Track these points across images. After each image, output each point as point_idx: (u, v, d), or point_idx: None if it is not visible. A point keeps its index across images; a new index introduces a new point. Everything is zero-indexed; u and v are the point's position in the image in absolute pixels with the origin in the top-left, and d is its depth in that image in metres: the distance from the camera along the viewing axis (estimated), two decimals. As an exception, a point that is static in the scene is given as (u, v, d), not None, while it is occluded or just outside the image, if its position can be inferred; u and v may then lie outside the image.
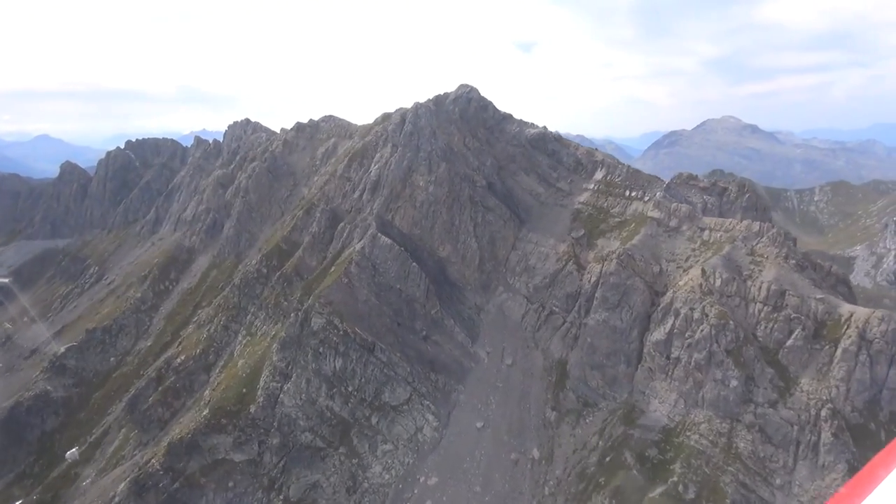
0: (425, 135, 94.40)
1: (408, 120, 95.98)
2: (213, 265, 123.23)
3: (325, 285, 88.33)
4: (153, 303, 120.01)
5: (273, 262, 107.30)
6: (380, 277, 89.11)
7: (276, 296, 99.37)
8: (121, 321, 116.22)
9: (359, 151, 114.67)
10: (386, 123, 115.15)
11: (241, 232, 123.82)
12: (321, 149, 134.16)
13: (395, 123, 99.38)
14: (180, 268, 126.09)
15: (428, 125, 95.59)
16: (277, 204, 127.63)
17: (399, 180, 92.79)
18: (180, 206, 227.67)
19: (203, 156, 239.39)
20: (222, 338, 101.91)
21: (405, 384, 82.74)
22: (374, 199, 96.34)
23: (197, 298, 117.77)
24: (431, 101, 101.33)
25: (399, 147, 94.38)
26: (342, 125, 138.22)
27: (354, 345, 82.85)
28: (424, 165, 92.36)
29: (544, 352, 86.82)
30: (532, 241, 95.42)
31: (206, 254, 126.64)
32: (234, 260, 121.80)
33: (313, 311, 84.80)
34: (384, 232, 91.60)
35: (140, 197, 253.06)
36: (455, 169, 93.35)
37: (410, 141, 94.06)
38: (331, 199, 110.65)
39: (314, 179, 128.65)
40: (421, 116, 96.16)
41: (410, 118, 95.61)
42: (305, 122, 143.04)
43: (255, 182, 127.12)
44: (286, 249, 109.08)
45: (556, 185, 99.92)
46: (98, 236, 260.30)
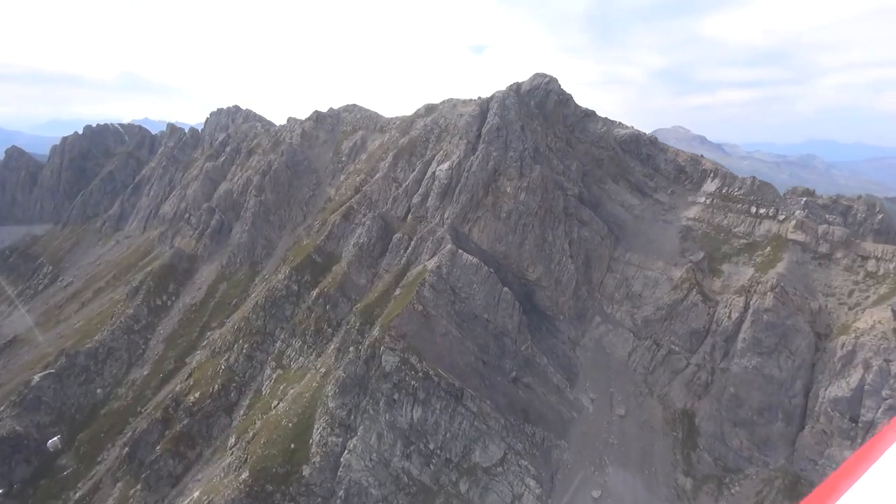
0: (515, 131, 78.73)
1: (493, 111, 79.72)
2: (222, 276, 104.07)
3: (393, 313, 71.28)
4: (148, 321, 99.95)
5: (305, 278, 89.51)
6: (461, 304, 72.77)
7: (317, 320, 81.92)
8: (108, 343, 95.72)
9: (405, 148, 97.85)
10: (437, 116, 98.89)
11: (255, 238, 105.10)
12: (347, 143, 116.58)
13: (470, 116, 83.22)
14: (180, 279, 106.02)
15: (518, 119, 79.49)
16: (298, 206, 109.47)
17: (482, 185, 76.83)
18: (151, 200, 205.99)
19: (178, 145, 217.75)
20: (245, 370, 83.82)
21: (499, 440, 66.68)
22: (445, 206, 79.94)
23: (204, 317, 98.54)
24: (513, 89, 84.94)
25: (483, 144, 77.92)
26: (370, 116, 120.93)
27: (439, 391, 66.68)
28: (514, 168, 76.60)
29: (662, 400, 72.18)
30: (633, 262, 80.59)
31: (212, 262, 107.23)
32: (248, 271, 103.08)
33: (383, 345, 67.86)
34: (459, 247, 75.04)
35: (101, 189, 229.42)
36: (546, 174, 77.34)
37: (497, 137, 78.14)
38: (374, 204, 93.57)
39: (341, 178, 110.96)
40: (509, 108, 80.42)
41: (497, 109, 79.59)
42: (325, 111, 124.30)
43: (272, 179, 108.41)
44: (321, 262, 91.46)
45: (654, 196, 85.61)
46: (51, 231, 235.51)
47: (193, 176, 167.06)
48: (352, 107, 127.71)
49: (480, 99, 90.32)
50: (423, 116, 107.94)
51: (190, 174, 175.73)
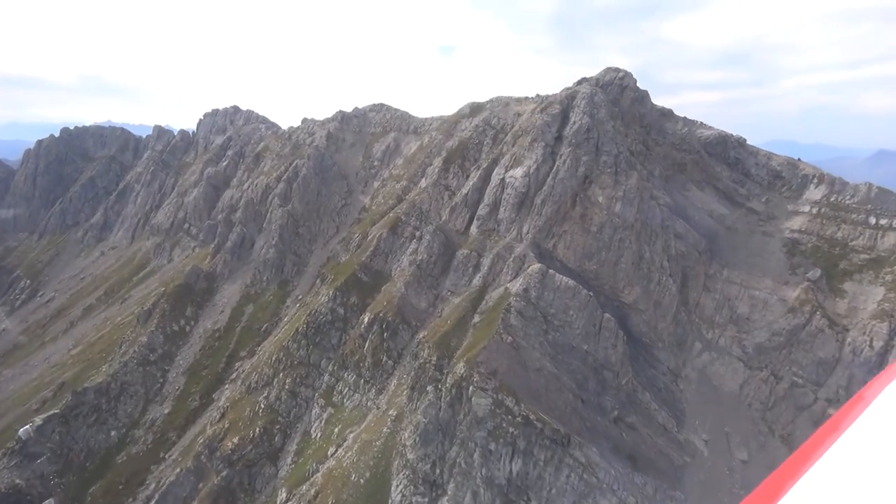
0: (607, 132, 69.31)
1: (580, 110, 69.94)
2: (247, 297, 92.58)
3: (478, 345, 61.08)
4: (165, 350, 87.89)
5: (351, 300, 78.76)
6: (555, 333, 62.93)
7: (374, 350, 71.20)
8: (121, 377, 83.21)
9: (456, 152, 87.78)
10: (487, 116, 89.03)
11: (284, 253, 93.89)
12: (378, 146, 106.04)
13: (549, 115, 73.16)
14: (198, 300, 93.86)
15: (608, 118, 69.73)
16: (329, 216, 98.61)
17: (569, 195, 66.58)
18: (139, 208, 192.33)
19: (168, 149, 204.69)
20: (289, 408, 72.89)
21: (610, 494, 57.06)
22: (522, 218, 70.12)
23: (230, 345, 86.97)
24: (591, 82, 75.35)
25: (569, 148, 68.24)
26: (401, 117, 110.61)
27: (542, 438, 56.66)
28: (608, 174, 67.08)
29: (786, 440, 63.20)
30: (734, 280, 71.52)
31: (234, 281, 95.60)
32: (277, 291, 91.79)
33: (472, 385, 57.42)
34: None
35: (82, 196, 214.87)
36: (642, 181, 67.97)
37: (587, 140, 68.59)
38: (425, 215, 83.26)
39: (375, 185, 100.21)
40: (599, 106, 70.90)
41: (584, 108, 69.99)
42: (349, 110, 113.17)
43: (301, 187, 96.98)
44: (368, 282, 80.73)
45: (746, 205, 76.87)
46: (26, 242, 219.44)
47: (191, 182, 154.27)
48: (379, 106, 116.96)
49: (561, 95, 80.00)
50: (469, 117, 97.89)
51: (186, 180, 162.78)
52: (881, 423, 4.28)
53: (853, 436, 4.14)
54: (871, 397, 4.57)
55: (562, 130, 74.83)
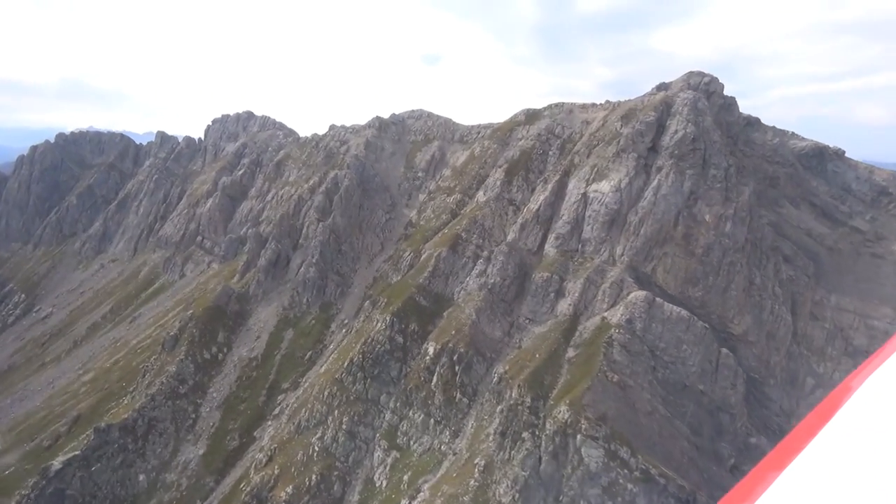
0: (714, 143, 62.23)
1: (682, 117, 62.71)
2: (286, 322, 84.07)
3: (580, 385, 53.34)
4: (196, 381, 79.05)
5: (411, 327, 70.72)
6: (665, 371, 55.30)
7: (445, 385, 62.93)
8: (149, 412, 74.03)
9: (518, 163, 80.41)
10: (550, 123, 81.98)
11: (325, 272, 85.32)
12: (421, 155, 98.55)
13: (642, 123, 65.58)
14: (230, 325, 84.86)
15: (714, 127, 62.27)
16: (373, 231, 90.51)
17: (672, 213, 58.73)
18: (142, 218, 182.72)
19: (172, 156, 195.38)
20: (347, 451, 64.49)
21: (740, 559, 47.32)
22: (614, 238, 62.72)
23: (269, 376, 78.32)
24: (686, 84, 68.09)
25: (671, 160, 60.90)
26: (443, 124, 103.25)
27: (665, 496, 48.44)
28: (718, 191, 60.00)
29: (926, 492, 53.91)
30: (846, 308, 64.35)
31: (269, 303, 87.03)
32: (319, 315, 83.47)
33: (579, 432, 49.56)
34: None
35: (79, 205, 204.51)
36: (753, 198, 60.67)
37: (693, 151, 61.24)
38: (489, 232, 75.36)
39: (420, 198, 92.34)
40: (703, 113, 64.02)
41: (687, 115, 63.03)
42: (387, 117, 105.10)
43: (344, 200, 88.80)
44: (427, 306, 72.86)
45: (849, 224, 69.87)
46: (19, 253, 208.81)
47: (203, 192, 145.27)
48: (419, 112, 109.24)
49: (611, 103, 72.59)
50: (525, 125, 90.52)
51: (196, 189, 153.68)
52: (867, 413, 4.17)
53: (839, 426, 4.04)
54: (857, 386, 4.41)
55: (657, 140, 67.23)
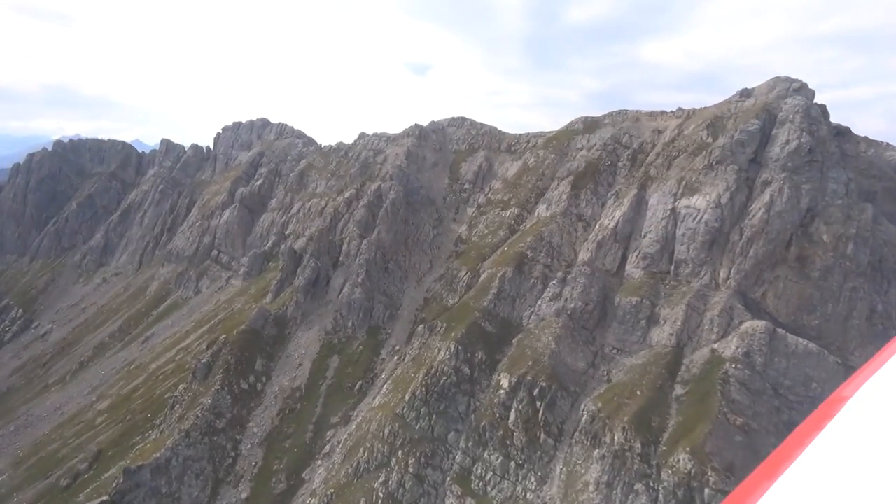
0: (832, 154, 55.74)
1: (794, 126, 56.72)
2: (330, 347, 76.83)
3: (699, 429, 46.41)
4: (234, 414, 71.20)
5: (478, 356, 63.87)
6: (790, 412, 48.65)
7: (526, 424, 55.94)
8: (183, 451, 66.19)
9: (585, 174, 74.06)
10: (615, 132, 75.69)
11: (372, 293, 77.78)
12: (466, 166, 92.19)
13: (744, 132, 59.18)
14: (268, 351, 77.22)
15: (830, 136, 55.92)
16: (420, 248, 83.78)
17: (786, 233, 52.28)
18: (146, 230, 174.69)
19: (178, 165, 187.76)
20: (415, 497, 57.10)
21: None
22: (715, 260, 56.32)
23: (315, 409, 71.06)
24: (771, 89, 61.84)
25: (783, 173, 54.71)
26: (488, 133, 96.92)
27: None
28: (839, 208, 53.18)
29: None
30: (968, 337, 56.45)
31: (310, 327, 79.80)
32: (368, 341, 76.27)
33: (706, 485, 43.05)
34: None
35: (79, 215, 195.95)
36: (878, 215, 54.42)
37: (809, 164, 55.39)
38: (557, 250, 68.71)
39: (469, 212, 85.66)
40: (818, 121, 57.34)
41: (800, 122, 57.19)
42: (425, 124, 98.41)
43: (390, 214, 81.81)
44: (494, 332, 66.13)
45: (958, 244, 62.67)
46: (15, 266, 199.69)
47: (217, 203, 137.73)
48: (459, 120, 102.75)
49: (684, 110, 66.25)
50: (584, 133, 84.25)
51: (209, 200, 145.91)
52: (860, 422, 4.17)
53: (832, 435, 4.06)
54: (849, 395, 4.42)
55: (760, 151, 60.72)
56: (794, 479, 3.68)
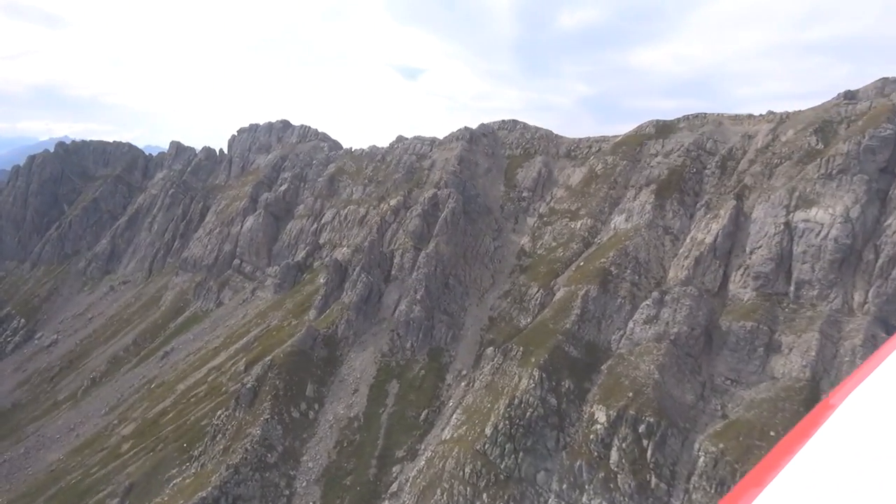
0: None
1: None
2: (387, 371, 70.00)
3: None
4: (286, 447, 63.93)
5: (564, 385, 57.67)
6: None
7: (633, 465, 49.11)
8: (232, 489, 58.96)
9: (669, 184, 68.07)
10: (698, 137, 69.48)
11: (432, 311, 70.69)
12: (523, 172, 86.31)
13: (876, 137, 53.10)
14: (319, 375, 70.06)
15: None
16: (480, 261, 77.16)
17: (937, 251, 45.96)
18: (156, 236, 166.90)
19: (189, 168, 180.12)
20: (504, 550, 49.52)
21: None
22: (847, 281, 49.37)
23: (377, 440, 64.27)
24: (879, 92, 55.80)
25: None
26: (544, 137, 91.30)
27: None
28: None
29: None
30: None
31: (363, 348, 72.83)
32: (430, 364, 69.66)
33: None
34: None
35: (83, 221, 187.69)
36: None
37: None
38: (644, 266, 62.27)
39: (529, 222, 79.33)
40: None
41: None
42: (474, 127, 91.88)
43: (449, 224, 75.03)
44: (580, 357, 59.62)
45: None
46: (15, 272, 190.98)
47: (238, 209, 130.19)
48: (510, 123, 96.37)
49: (774, 114, 60.11)
50: (657, 138, 78.38)
51: (228, 207, 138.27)
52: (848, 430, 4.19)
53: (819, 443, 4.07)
54: (837, 403, 4.44)
55: (893, 158, 54.29)
56: (782, 486, 3.63)
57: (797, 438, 4.06)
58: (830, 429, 4.12)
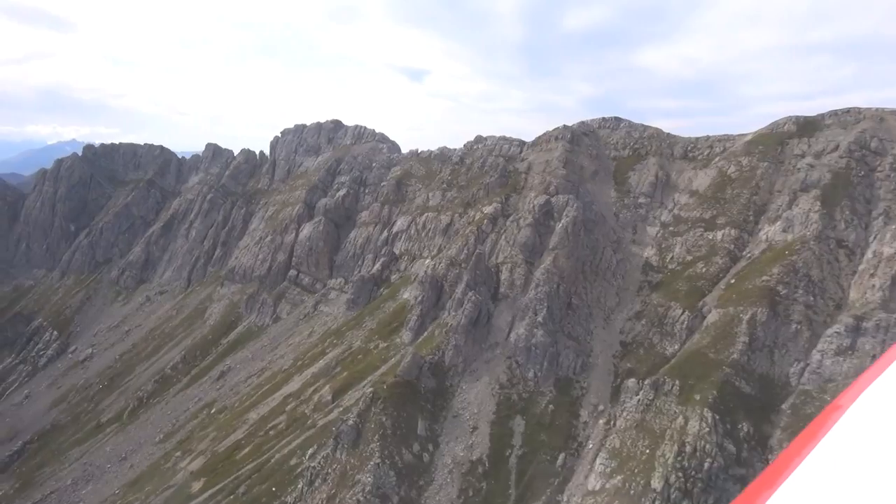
0: None
1: None
2: (509, 406, 61.30)
3: None
4: (402, 497, 54.98)
5: (744, 429, 48.92)
6: None
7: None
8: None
9: (835, 189, 57.84)
10: (859, 135, 60.37)
11: (554, 334, 61.60)
12: (636, 175, 78.29)
13: None
14: (430, 410, 60.90)
15: None
16: (602, 277, 68.19)
17: None
18: (194, 243, 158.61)
19: (227, 172, 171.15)
20: None
21: None
22: None
23: (508, 489, 56.05)
24: None
25: None
26: (654, 136, 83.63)
27: None
28: None
29: None
30: None
31: (477, 378, 64.24)
32: (559, 397, 60.73)
33: None
34: None
35: (114, 227, 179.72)
36: None
37: None
38: (818, 286, 53.60)
39: (651, 232, 69.91)
40: None
41: None
42: (573, 124, 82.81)
43: (570, 236, 65.78)
44: (756, 396, 50.88)
45: None
46: (44, 281, 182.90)
47: (291, 216, 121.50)
48: (613, 121, 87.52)
49: None
50: (800, 136, 69.11)
51: (278, 213, 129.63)
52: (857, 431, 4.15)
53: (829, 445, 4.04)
54: (847, 405, 4.40)
55: None
56: (793, 488, 3.62)
57: (807, 440, 4.00)
58: (840, 431, 4.05)
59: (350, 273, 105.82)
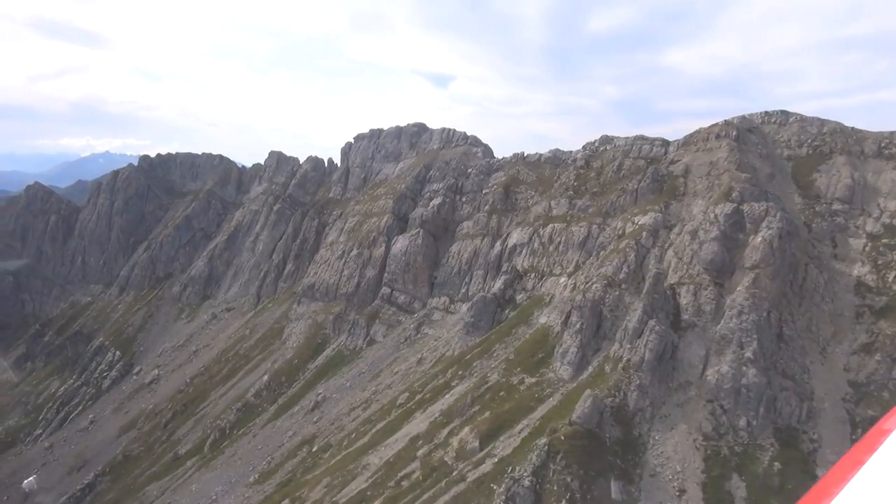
0: None
1: None
2: (720, 462, 50.24)
3: None
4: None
5: None
6: None
7: None
8: None
9: None
10: None
11: (767, 372, 49.75)
12: (824, 178, 69.83)
13: None
14: (619, 465, 49.87)
15: None
16: (811, 301, 57.55)
17: None
18: (261, 257, 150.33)
19: (294, 180, 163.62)
20: None
21: None
22: None
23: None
24: None
25: None
26: (837, 130, 71.15)
27: None
28: None
29: None
30: None
31: (671, 426, 53.80)
32: (782, 451, 48.88)
33: None
34: None
35: (175, 241, 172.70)
36: None
37: None
38: None
39: (855, 244, 58.02)
40: None
41: None
42: (734, 119, 71.19)
43: (776, 252, 53.93)
44: None
45: None
46: (102, 298, 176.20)
47: (380, 227, 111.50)
48: (780, 114, 75.84)
49: None
50: None
51: (361, 224, 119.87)
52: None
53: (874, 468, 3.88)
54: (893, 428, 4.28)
55: None
56: None
57: (851, 464, 3.82)
58: (885, 454, 3.90)
59: (454, 291, 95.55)
